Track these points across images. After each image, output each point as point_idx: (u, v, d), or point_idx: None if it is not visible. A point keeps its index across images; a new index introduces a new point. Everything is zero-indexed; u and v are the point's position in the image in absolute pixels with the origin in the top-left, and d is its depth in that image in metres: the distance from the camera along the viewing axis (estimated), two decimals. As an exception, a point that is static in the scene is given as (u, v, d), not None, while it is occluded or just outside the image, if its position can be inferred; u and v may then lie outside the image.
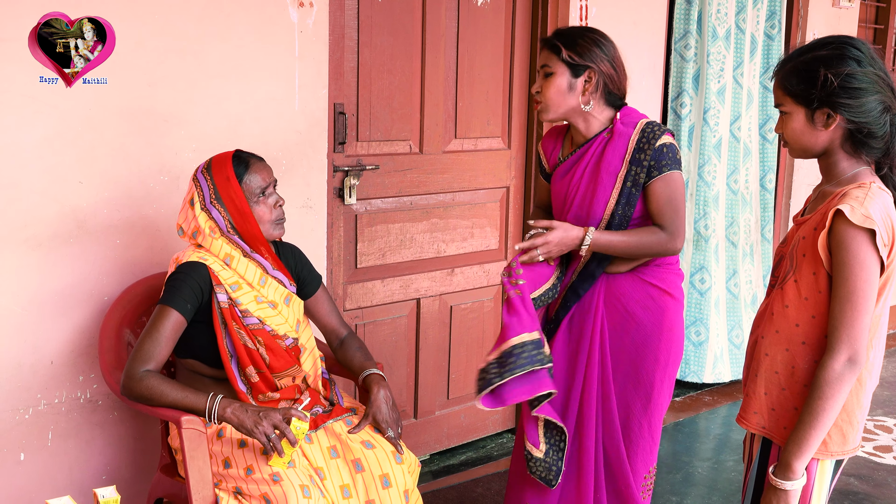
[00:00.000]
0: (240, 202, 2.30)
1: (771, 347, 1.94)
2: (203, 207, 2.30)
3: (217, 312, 2.27)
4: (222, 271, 2.30)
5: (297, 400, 2.39)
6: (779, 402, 1.93)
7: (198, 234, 2.31)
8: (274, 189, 2.39)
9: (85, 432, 2.62)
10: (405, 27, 3.29)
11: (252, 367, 2.30)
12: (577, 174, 2.49)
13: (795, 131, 1.89)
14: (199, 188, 2.32)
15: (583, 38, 2.41)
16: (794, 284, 1.89)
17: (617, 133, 2.44)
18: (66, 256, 2.52)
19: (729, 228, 4.60)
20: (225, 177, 2.31)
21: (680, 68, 4.37)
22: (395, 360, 3.49)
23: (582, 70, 2.40)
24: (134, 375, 2.17)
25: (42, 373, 2.52)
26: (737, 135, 4.52)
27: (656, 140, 2.39)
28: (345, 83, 3.13)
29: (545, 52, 2.44)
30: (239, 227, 2.31)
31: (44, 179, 2.46)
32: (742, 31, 4.44)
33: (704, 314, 4.51)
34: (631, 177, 2.41)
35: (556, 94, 2.41)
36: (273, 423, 2.09)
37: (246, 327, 2.30)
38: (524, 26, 3.66)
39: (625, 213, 2.43)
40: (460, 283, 3.64)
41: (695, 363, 4.54)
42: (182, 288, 2.24)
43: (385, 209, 3.35)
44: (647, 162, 2.39)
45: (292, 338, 2.39)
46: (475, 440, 3.85)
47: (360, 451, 2.26)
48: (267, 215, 2.35)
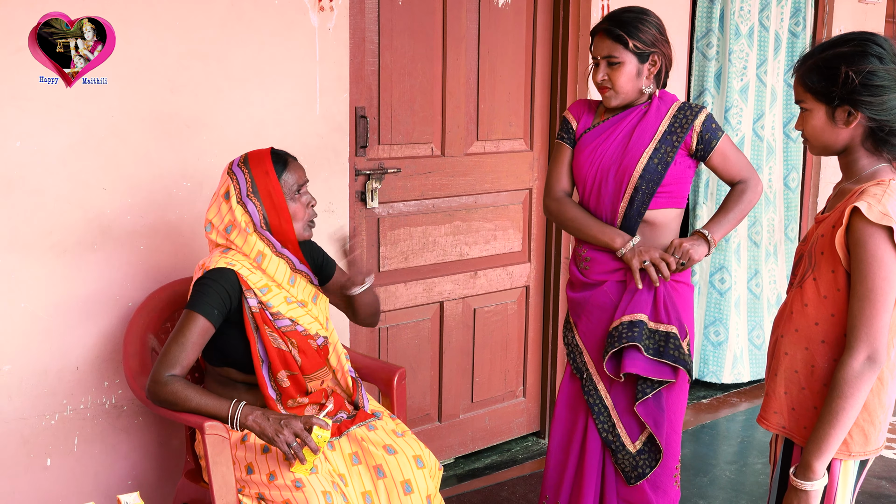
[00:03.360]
0: (277, 198, 2.29)
1: (790, 346, 1.92)
2: (239, 200, 2.29)
3: (249, 317, 2.27)
4: (251, 275, 2.29)
5: (322, 406, 2.38)
6: (798, 401, 1.91)
7: (232, 228, 2.29)
8: (307, 190, 2.39)
9: (110, 437, 2.63)
10: (425, 29, 3.29)
11: (283, 372, 2.30)
12: (609, 138, 2.53)
13: (816, 129, 1.87)
14: (235, 181, 2.31)
15: (643, 23, 2.46)
16: (813, 283, 1.87)
17: (654, 108, 2.52)
18: (90, 262, 2.54)
19: (751, 228, 4.55)
20: (264, 171, 2.31)
21: (702, 67, 4.33)
22: (419, 363, 3.48)
23: (647, 56, 2.46)
24: (159, 380, 2.18)
25: (68, 378, 2.54)
26: (760, 133, 4.48)
27: (693, 119, 2.48)
28: (365, 86, 3.13)
29: (608, 43, 2.46)
30: (272, 224, 2.31)
31: (68, 186, 2.47)
32: (766, 28, 4.40)
33: (724, 314, 4.47)
34: (658, 154, 2.47)
35: (627, 81, 2.47)
36: (294, 432, 2.09)
37: (278, 329, 2.29)
38: (546, 27, 3.64)
39: (649, 190, 2.47)
40: (483, 286, 3.63)
41: (713, 363, 4.50)
42: (209, 294, 2.23)
43: (407, 212, 3.35)
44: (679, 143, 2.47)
45: (323, 336, 2.39)
46: (500, 443, 3.83)
47: (381, 457, 2.25)
48: (301, 213, 2.35)
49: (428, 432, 3.55)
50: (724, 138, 2.52)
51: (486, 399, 3.74)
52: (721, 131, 2.51)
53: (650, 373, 2.47)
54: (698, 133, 2.48)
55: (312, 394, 2.37)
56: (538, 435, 3.93)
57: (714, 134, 2.50)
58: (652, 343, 2.48)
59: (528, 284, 3.78)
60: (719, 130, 2.51)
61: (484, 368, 3.70)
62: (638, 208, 2.48)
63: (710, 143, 2.50)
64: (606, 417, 2.55)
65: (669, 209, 2.52)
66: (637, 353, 2.46)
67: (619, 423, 2.54)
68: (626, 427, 2.53)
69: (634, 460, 2.53)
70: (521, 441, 3.89)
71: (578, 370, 2.61)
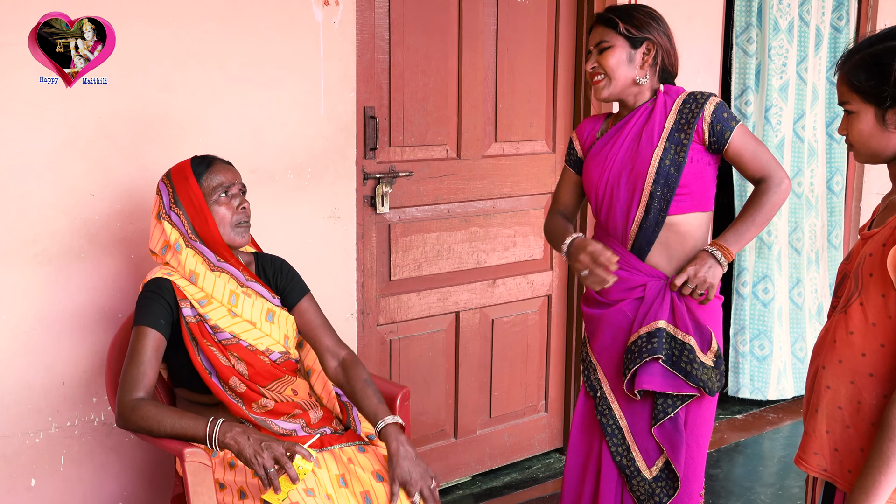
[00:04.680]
0: (198, 201, 2.14)
1: (833, 379, 1.70)
2: (164, 215, 2.16)
3: (185, 328, 2.12)
4: (188, 286, 2.15)
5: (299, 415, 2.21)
6: (843, 441, 1.69)
7: (167, 248, 2.16)
8: (241, 193, 2.22)
9: (99, 457, 2.49)
10: (440, 25, 3.11)
11: (235, 378, 2.14)
12: (616, 144, 2.36)
13: (863, 133, 1.66)
14: (159, 197, 2.19)
15: (638, 11, 2.33)
16: (859, 308, 1.65)
17: (659, 104, 2.33)
18: (77, 272, 2.40)
19: (792, 234, 4.31)
20: (183, 177, 2.17)
21: (743, 64, 4.10)
22: (433, 376, 3.31)
23: (640, 42, 2.30)
24: (126, 405, 2.03)
25: (53, 394, 2.40)
26: (800, 134, 4.23)
27: (703, 109, 2.27)
28: (375, 85, 2.96)
29: (600, 29, 2.33)
30: (199, 231, 2.16)
31: (53, 191, 2.34)
32: (806, 23, 4.15)
33: (768, 326, 4.23)
34: (669, 155, 2.27)
35: (616, 64, 2.30)
36: (274, 456, 1.92)
37: (218, 343, 2.14)
38: (569, 22, 3.45)
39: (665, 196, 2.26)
40: (502, 295, 3.44)
41: (758, 379, 4.27)
42: (151, 306, 2.10)
43: (420, 218, 3.17)
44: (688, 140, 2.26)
45: (279, 352, 2.21)
46: (520, 460, 3.64)
47: (369, 482, 2.08)
48: (227, 217, 2.17)
49: (443, 449, 3.37)
50: (740, 129, 2.28)
51: (506, 414, 3.55)
52: (735, 121, 2.28)
53: (668, 387, 2.27)
54: (709, 124, 2.27)
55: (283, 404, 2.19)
56: (561, 451, 3.74)
57: (726, 124, 2.27)
58: (668, 351, 2.28)
59: (551, 293, 3.58)
60: (732, 119, 2.28)
61: (503, 382, 3.51)
62: (655, 216, 2.28)
63: (722, 135, 2.27)
64: (620, 440, 2.36)
65: (692, 213, 2.30)
66: (654, 366, 2.27)
67: (634, 447, 2.34)
68: (642, 450, 2.34)
69: (651, 487, 2.33)
70: (543, 458, 3.70)
71: (592, 388, 2.42)
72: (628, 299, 2.33)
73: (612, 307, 2.37)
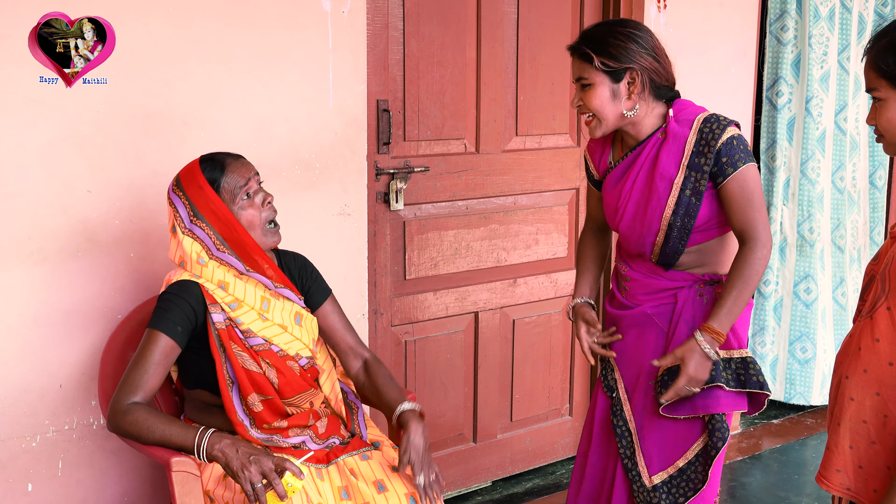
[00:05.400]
0: (221, 212, 2.02)
1: (858, 390, 1.57)
2: (185, 231, 2.03)
3: (213, 334, 2.02)
4: (217, 290, 2.04)
5: (312, 426, 2.12)
6: (867, 457, 1.56)
7: (186, 263, 2.05)
8: (258, 185, 2.10)
9: (99, 461, 2.42)
10: (457, 14, 2.99)
11: (255, 395, 2.04)
12: (629, 181, 2.18)
13: (892, 122, 1.52)
14: (175, 210, 2.06)
15: (613, 36, 2.09)
16: (886, 313, 1.51)
17: (671, 134, 2.12)
18: (74, 271, 2.33)
19: (835, 231, 4.12)
20: (197, 186, 2.03)
21: (776, 53, 3.92)
22: (451, 378, 3.20)
23: (621, 74, 2.08)
24: (119, 408, 1.95)
25: (50, 397, 2.34)
26: (842, 126, 4.03)
27: (719, 137, 2.07)
28: (389, 77, 2.86)
29: (576, 63, 2.13)
30: (230, 241, 2.04)
31: (49, 188, 2.27)
32: (848, 9, 3.95)
33: (811, 328, 4.05)
34: (690, 184, 2.10)
35: (601, 104, 2.10)
36: (262, 471, 1.82)
37: (249, 349, 2.03)
38: (594, 9, 3.30)
39: (684, 225, 2.11)
40: (524, 295, 3.32)
41: (801, 384, 4.08)
42: (172, 310, 2.00)
43: (437, 215, 3.06)
44: (708, 166, 2.07)
45: (307, 357, 2.12)
46: (543, 465, 3.52)
47: (370, 495, 1.98)
48: (256, 219, 2.06)
49: (461, 453, 3.26)
50: (744, 172, 2.06)
51: (528, 418, 3.43)
52: (742, 162, 2.06)
53: (738, 406, 2.17)
54: (715, 152, 2.07)
55: (296, 416, 2.10)
56: (586, 457, 3.60)
57: (732, 160, 2.06)
58: (730, 374, 2.16)
59: (575, 293, 3.45)
60: (741, 160, 2.06)
61: (524, 384, 3.39)
62: (675, 245, 2.14)
63: (724, 170, 2.06)
64: (629, 442, 2.25)
65: (715, 239, 2.18)
66: (714, 391, 2.14)
67: (639, 451, 2.23)
68: (646, 457, 2.22)
69: (649, 496, 2.21)
70: (567, 463, 3.57)
71: (609, 388, 2.32)
72: (656, 303, 2.21)
73: (636, 309, 2.26)
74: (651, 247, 2.18)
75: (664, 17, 3.35)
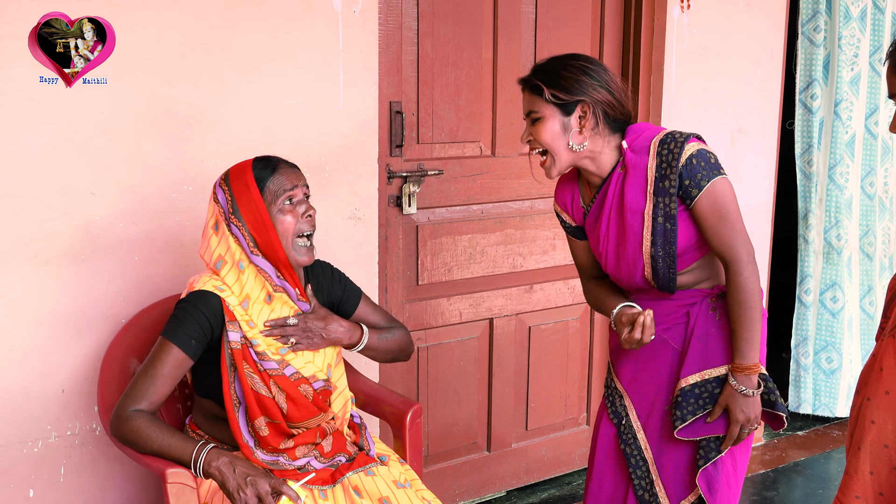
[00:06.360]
0: (260, 212, 1.94)
1: (879, 413, 1.49)
2: (227, 226, 1.96)
3: (226, 353, 1.95)
4: (238, 307, 1.97)
5: (318, 445, 2.06)
6: (889, 484, 1.49)
7: (223, 263, 1.96)
8: (305, 196, 2.02)
9: (101, 467, 2.38)
10: (473, 14, 2.93)
11: (263, 419, 1.97)
12: (602, 224, 2.10)
13: (917, 130, 1.42)
14: (219, 206, 1.98)
15: (565, 69, 2.01)
16: None
17: (630, 165, 2.03)
18: (77, 275, 2.29)
19: (864, 238, 4.00)
20: (244, 184, 1.96)
21: (809, 55, 3.82)
22: (465, 386, 3.13)
23: (572, 107, 2.00)
24: (121, 415, 1.90)
25: (52, 402, 2.30)
26: (873, 130, 3.92)
27: (679, 157, 1.97)
28: (403, 79, 2.79)
29: (527, 96, 2.05)
30: (261, 244, 1.96)
31: (50, 189, 2.23)
32: (881, 10, 3.84)
33: (837, 338, 3.94)
34: (661, 211, 2.01)
35: (552, 138, 2.01)
36: (258, 494, 1.78)
37: (262, 372, 1.96)
38: (616, 10, 3.22)
39: (667, 253, 2.03)
40: (540, 301, 3.24)
41: (826, 394, 3.98)
42: (188, 321, 1.93)
43: (451, 219, 2.99)
44: (674, 188, 1.98)
45: (322, 380, 2.05)
46: (559, 475, 3.45)
47: (375, 515, 1.92)
48: (291, 228, 1.96)
49: (475, 462, 3.20)
50: (708, 191, 1.96)
51: (543, 427, 3.35)
52: (706, 180, 1.96)
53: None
54: (678, 174, 1.98)
55: (302, 434, 2.04)
56: (604, 467, 3.52)
57: (694, 181, 1.96)
58: None
59: (594, 300, 3.37)
60: (705, 179, 1.96)
61: (541, 393, 3.31)
62: (665, 273, 2.06)
63: (689, 192, 1.97)
64: (644, 473, 2.15)
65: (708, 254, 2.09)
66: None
67: (658, 481, 2.12)
68: (667, 486, 2.12)
69: None
70: (584, 473, 3.49)
71: (617, 415, 2.21)
72: (668, 324, 2.12)
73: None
74: (643, 281, 2.10)
75: (687, 17, 3.26)
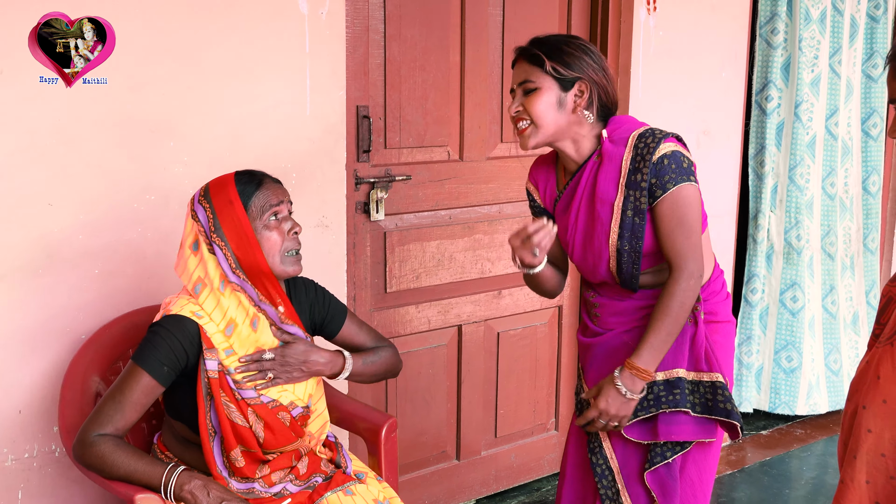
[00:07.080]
0: (244, 229, 1.86)
1: (875, 421, 1.47)
2: (208, 246, 1.87)
3: (203, 382, 1.87)
4: (217, 334, 1.88)
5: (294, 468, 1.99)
6: (886, 494, 1.47)
7: (202, 286, 1.88)
8: (289, 213, 1.95)
9: (61, 491, 2.29)
10: (440, 17, 2.87)
11: (239, 449, 1.89)
12: (573, 211, 2.07)
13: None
14: (198, 223, 1.89)
15: (567, 45, 1.99)
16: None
17: (606, 155, 2.01)
18: (34, 289, 2.19)
19: (825, 238, 4.04)
20: (227, 201, 1.87)
21: (766, 56, 3.84)
22: (433, 394, 3.08)
23: (571, 83, 1.97)
24: (85, 439, 1.82)
25: (8, 423, 2.20)
26: (833, 131, 3.95)
27: (653, 153, 1.95)
28: (370, 83, 2.73)
29: (523, 65, 2.01)
30: (244, 262, 1.87)
31: (5, 201, 2.13)
32: (840, 12, 3.87)
33: (797, 337, 3.97)
34: (631, 204, 1.98)
35: (544, 110, 1.97)
36: None
37: (239, 401, 1.88)
38: (583, 12, 3.20)
39: (633, 248, 2.00)
40: (509, 307, 3.21)
41: (786, 393, 4.01)
42: (161, 347, 1.84)
43: (419, 225, 2.94)
44: (645, 182, 1.95)
45: (301, 407, 1.97)
46: (528, 482, 3.42)
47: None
48: (278, 245, 1.89)
49: (444, 471, 3.15)
50: (672, 195, 1.93)
51: (512, 433, 3.32)
52: (673, 184, 1.93)
53: (702, 434, 2.06)
54: (650, 170, 1.94)
55: (275, 460, 1.96)
56: (573, 472, 3.50)
57: (661, 181, 1.93)
58: (698, 398, 2.05)
59: (562, 304, 3.34)
60: (671, 182, 1.93)
61: (509, 399, 3.28)
62: (629, 269, 2.03)
63: (653, 191, 1.94)
64: (610, 482, 2.11)
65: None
66: (680, 416, 2.04)
67: (624, 491, 2.09)
68: (633, 496, 2.09)
69: None
70: (553, 479, 3.46)
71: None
72: (629, 326, 2.09)
73: (609, 334, 2.14)
74: (608, 274, 2.07)
75: (654, 19, 3.25)
